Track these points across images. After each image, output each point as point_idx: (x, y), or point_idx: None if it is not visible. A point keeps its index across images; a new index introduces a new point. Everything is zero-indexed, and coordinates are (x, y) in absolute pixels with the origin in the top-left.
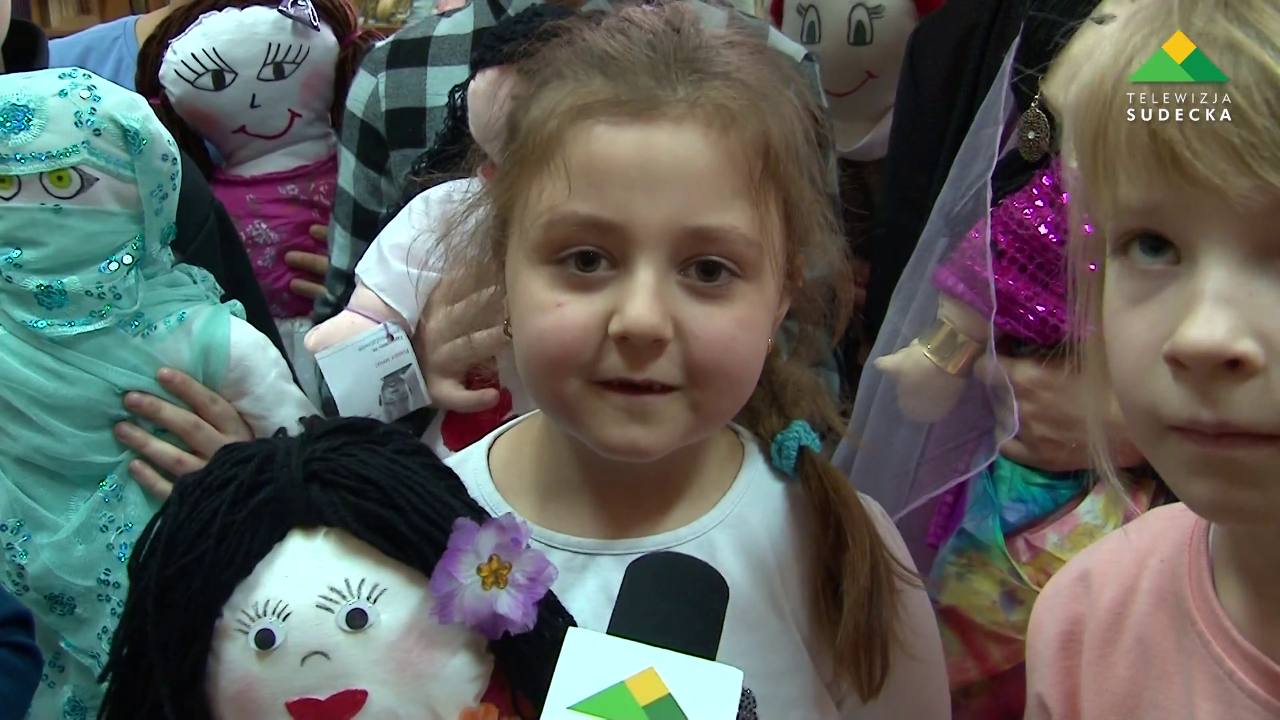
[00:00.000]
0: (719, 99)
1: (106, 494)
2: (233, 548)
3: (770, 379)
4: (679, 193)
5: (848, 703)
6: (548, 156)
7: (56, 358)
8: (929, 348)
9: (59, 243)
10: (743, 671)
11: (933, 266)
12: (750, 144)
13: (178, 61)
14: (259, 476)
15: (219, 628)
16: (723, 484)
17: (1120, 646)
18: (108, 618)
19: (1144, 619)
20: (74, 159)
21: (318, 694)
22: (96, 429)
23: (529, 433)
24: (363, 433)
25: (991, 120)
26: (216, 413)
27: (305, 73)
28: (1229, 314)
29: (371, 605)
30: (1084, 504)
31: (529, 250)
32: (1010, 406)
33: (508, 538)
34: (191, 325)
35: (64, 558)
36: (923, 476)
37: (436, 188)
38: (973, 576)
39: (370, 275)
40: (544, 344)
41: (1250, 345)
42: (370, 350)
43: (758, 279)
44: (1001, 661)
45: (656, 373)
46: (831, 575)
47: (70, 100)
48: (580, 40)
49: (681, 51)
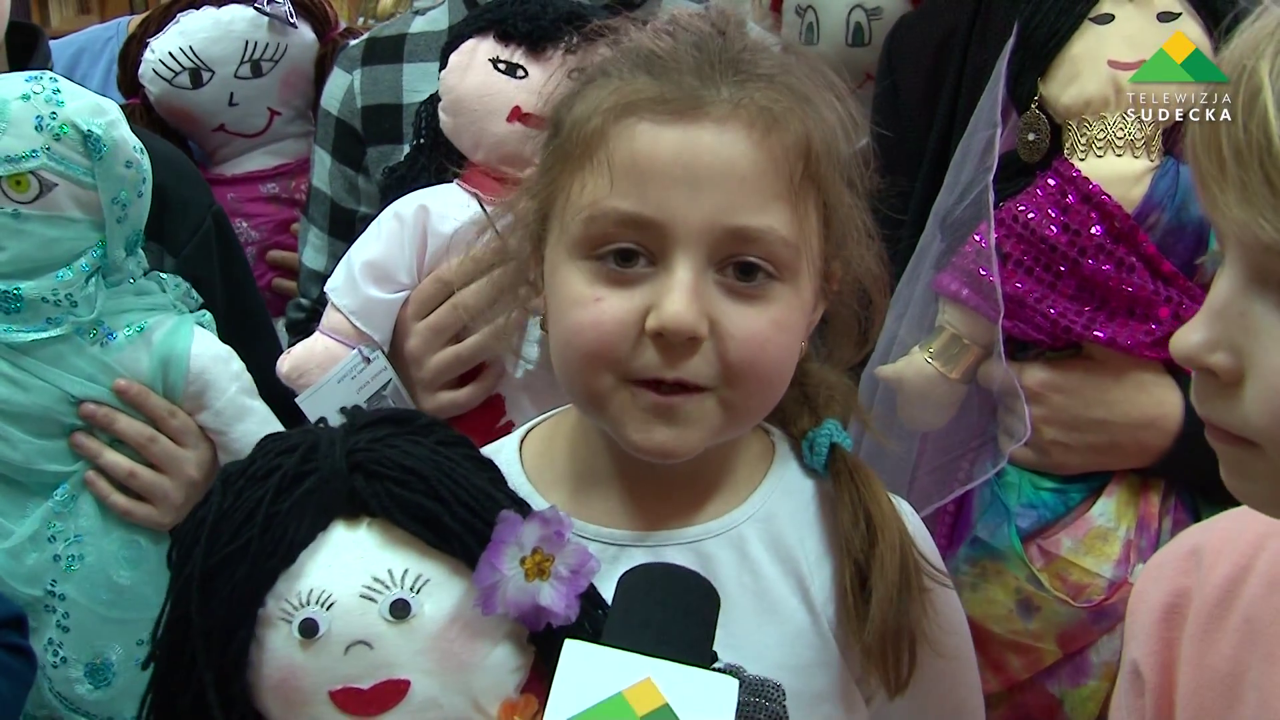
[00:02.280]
0: (762, 101)
1: (57, 504)
2: (277, 537)
3: (803, 381)
4: (719, 192)
5: (877, 699)
6: (590, 152)
7: (12, 364)
8: (930, 354)
9: (17, 248)
10: (733, 674)
11: (928, 271)
12: (792, 147)
13: (156, 60)
14: (303, 466)
15: (262, 616)
16: (753, 480)
17: (1227, 625)
18: (53, 629)
19: (1256, 600)
20: (32, 164)
21: (360, 683)
22: (51, 437)
23: (562, 426)
24: (405, 424)
25: (986, 123)
26: (175, 426)
27: (284, 70)
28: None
29: (415, 595)
30: (1096, 506)
31: (569, 245)
32: (1019, 412)
33: (551, 530)
34: (152, 335)
35: (15, 565)
36: (925, 486)
37: (407, 201)
38: (987, 586)
39: (339, 296)
40: (581, 338)
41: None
42: (349, 379)
43: (794, 281)
44: (1020, 671)
45: (690, 371)
46: (860, 571)
47: (33, 104)
48: (626, 39)
49: (727, 53)
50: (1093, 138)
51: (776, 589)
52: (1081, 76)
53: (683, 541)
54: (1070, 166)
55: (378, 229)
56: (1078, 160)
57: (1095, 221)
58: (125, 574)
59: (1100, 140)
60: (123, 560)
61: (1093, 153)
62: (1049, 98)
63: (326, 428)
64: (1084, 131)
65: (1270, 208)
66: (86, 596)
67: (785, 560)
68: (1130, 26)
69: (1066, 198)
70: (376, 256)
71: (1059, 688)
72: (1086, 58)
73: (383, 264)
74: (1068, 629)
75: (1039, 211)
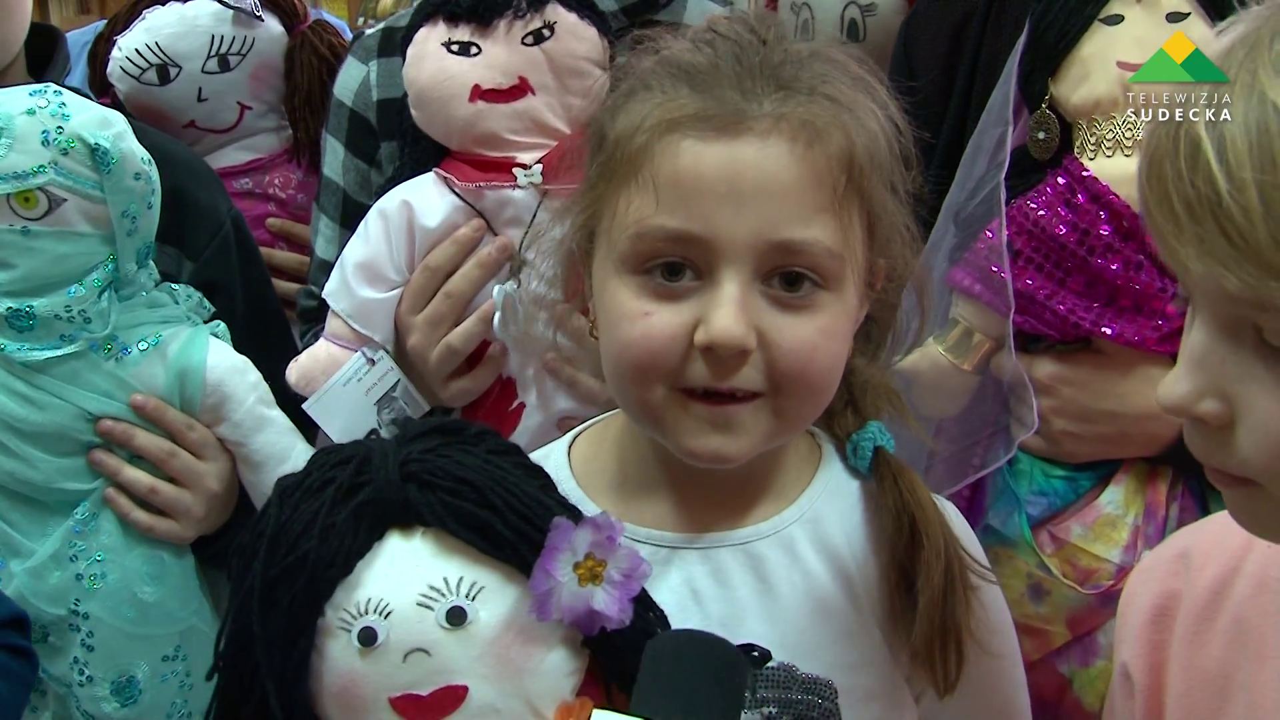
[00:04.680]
0: (804, 115)
1: (77, 523)
2: (334, 548)
3: (849, 379)
4: (764, 207)
5: (926, 697)
6: (635, 170)
7: (28, 382)
8: (944, 346)
9: (28, 265)
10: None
11: (941, 265)
12: (835, 158)
13: (123, 58)
14: (357, 478)
15: (322, 626)
16: (801, 482)
17: (1216, 626)
18: (78, 648)
19: (1244, 602)
20: (41, 179)
21: (420, 690)
22: (69, 455)
23: (610, 431)
24: (456, 434)
25: (997, 120)
26: (193, 439)
27: (252, 64)
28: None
29: (470, 603)
30: (1105, 494)
31: (616, 261)
32: (1030, 403)
33: (603, 536)
34: (167, 348)
35: (38, 584)
36: (939, 474)
37: (390, 197)
38: (999, 571)
39: (336, 300)
40: (632, 352)
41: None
42: (355, 382)
43: (840, 289)
44: (1031, 652)
45: (741, 381)
46: (906, 574)
47: (38, 119)
48: (666, 50)
49: (768, 64)
50: (1102, 137)
51: (826, 589)
52: (1091, 77)
53: (734, 543)
54: (1080, 166)
55: (365, 230)
56: (1087, 159)
57: (1104, 221)
58: (149, 590)
59: (1109, 140)
60: (146, 576)
61: (1102, 152)
62: (1059, 98)
63: (379, 439)
64: (1093, 131)
65: (1231, 259)
66: (111, 614)
67: (833, 561)
68: (1139, 28)
69: (1076, 197)
70: (366, 257)
71: (1068, 667)
72: (1096, 59)
73: (373, 264)
74: (1077, 612)
75: (1049, 210)
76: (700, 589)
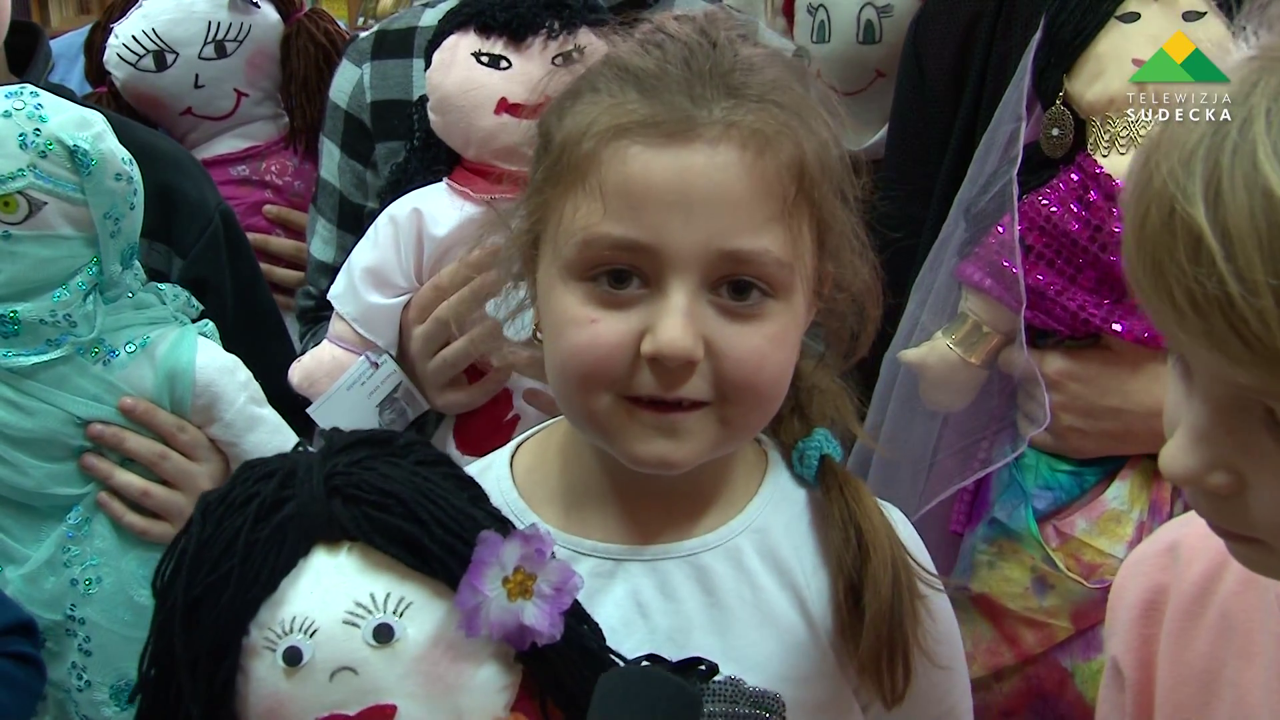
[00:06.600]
0: (754, 123)
1: (70, 528)
2: (258, 565)
3: (796, 386)
4: (713, 217)
5: (874, 708)
6: (582, 176)
7: (15, 389)
8: (953, 340)
9: (11, 270)
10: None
11: (951, 259)
12: (785, 167)
13: (119, 45)
14: (281, 493)
15: (246, 646)
16: (748, 491)
17: (1203, 621)
18: (75, 653)
19: (1231, 597)
20: (19, 184)
21: (347, 709)
22: (60, 461)
23: (553, 439)
24: (383, 445)
25: (1011, 117)
26: (185, 441)
27: (249, 51)
28: None
29: (398, 619)
30: (1110, 489)
31: (562, 267)
32: (1039, 399)
33: (532, 549)
34: (155, 350)
35: (33, 590)
36: (944, 468)
37: (401, 204)
38: (1004, 564)
39: (342, 303)
40: (578, 359)
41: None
42: (359, 385)
43: (788, 297)
44: (1034, 646)
45: (688, 391)
46: (853, 588)
47: (15, 121)
48: (614, 50)
49: (717, 71)
50: (1115, 135)
51: (774, 601)
52: (1106, 74)
53: (680, 555)
54: (1093, 163)
55: (374, 235)
56: (1100, 156)
57: (1116, 218)
58: (145, 593)
59: (1123, 137)
60: (141, 579)
61: (1115, 149)
62: (1073, 94)
63: (305, 452)
64: (1107, 128)
65: (1245, 359)
66: (107, 618)
67: (782, 572)
68: (1155, 25)
69: (1088, 193)
70: (374, 263)
71: (1070, 661)
72: (1111, 56)
73: (380, 269)
74: (1080, 606)
75: (1061, 206)
76: (646, 601)
